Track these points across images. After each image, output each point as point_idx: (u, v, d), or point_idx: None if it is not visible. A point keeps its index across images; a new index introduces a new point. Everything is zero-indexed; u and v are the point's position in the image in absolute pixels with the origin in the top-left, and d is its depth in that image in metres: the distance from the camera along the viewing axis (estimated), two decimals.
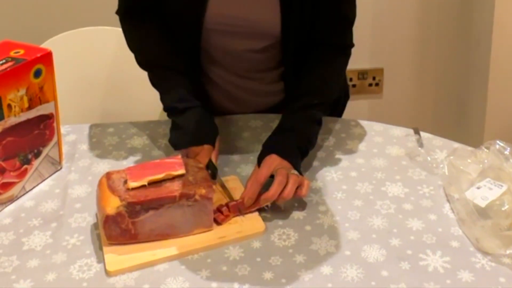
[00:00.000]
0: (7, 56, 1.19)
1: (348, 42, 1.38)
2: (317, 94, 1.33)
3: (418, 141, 1.39)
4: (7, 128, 1.18)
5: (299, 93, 1.34)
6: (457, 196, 1.19)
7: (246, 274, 1.05)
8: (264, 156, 1.22)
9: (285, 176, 1.15)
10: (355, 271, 1.06)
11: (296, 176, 1.17)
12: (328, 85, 1.37)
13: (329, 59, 1.36)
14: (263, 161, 1.21)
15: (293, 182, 1.15)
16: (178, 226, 1.11)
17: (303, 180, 1.17)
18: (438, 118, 2.68)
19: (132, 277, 1.05)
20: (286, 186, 1.15)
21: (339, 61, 1.39)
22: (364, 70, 2.57)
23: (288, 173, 1.16)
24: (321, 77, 1.35)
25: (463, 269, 1.06)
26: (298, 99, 1.33)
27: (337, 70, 1.40)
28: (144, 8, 1.38)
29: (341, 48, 1.38)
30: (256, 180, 1.17)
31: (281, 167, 1.18)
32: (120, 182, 1.11)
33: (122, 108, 1.74)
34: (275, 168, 1.18)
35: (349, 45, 1.39)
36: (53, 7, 2.25)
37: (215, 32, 1.33)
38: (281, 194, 1.14)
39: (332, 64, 1.37)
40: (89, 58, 1.76)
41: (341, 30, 1.36)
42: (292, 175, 1.16)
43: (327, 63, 1.36)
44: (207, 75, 1.44)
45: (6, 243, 1.12)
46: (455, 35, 2.53)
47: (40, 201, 1.23)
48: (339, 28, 1.36)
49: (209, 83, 1.45)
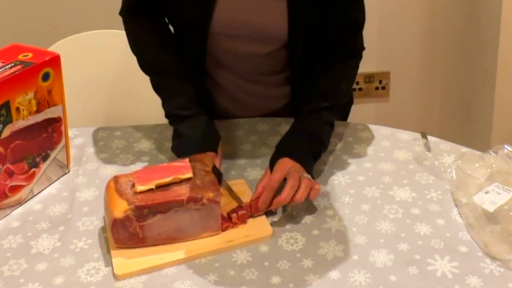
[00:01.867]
0: (15, 60, 1.19)
1: (359, 46, 1.38)
2: (330, 97, 1.33)
3: (426, 145, 1.39)
4: (16, 131, 1.18)
5: (311, 96, 1.33)
6: (465, 201, 1.18)
7: (254, 278, 1.05)
8: (277, 159, 1.21)
9: (297, 180, 1.15)
10: (363, 276, 1.05)
11: (308, 180, 1.16)
12: (340, 88, 1.37)
13: (341, 63, 1.36)
14: (276, 164, 1.20)
15: (305, 186, 1.15)
16: (186, 230, 1.12)
17: (315, 185, 1.17)
18: (445, 122, 2.67)
19: (140, 281, 1.05)
20: (298, 189, 1.14)
21: (351, 64, 1.38)
22: (370, 73, 2.57)
23: (301, 177, 1.16)
24: (333, 80, 1.35)
25: (471, 274, 1.05)
26: (310, 101, 1.32)
27: (349, 73, 1.39)
28: (147, 9, 1.37)
29: (353, 52, 1.38)
30: (269, 186, 1.16)
31: (294, 170, 1.17)
32: (128, 185, 1.11)
33: (129, 111, 1.75)
34: (287, 171, 1.17)
35: (360, 49, 1.39)
36: (60, 10, 2.26)
37: (221, 35, 1.33)
38: (293, 198, 1.14)
39: (344, 67, 1.37)
40: (96, 61, 1.77)
41: (352, 35, 1.36)
42: (305, 179, 1.16)
43: (339, 66, 1.36)
44: (213, 78, 1.44)
45: (15, 246, 1.13)
46: (461, 39, 2.53)
47: (48, 204, 1.23)
48: (350, 33, 1.35)
49: (214, 86, 1.45)
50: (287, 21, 1.29)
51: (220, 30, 1.32)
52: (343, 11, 1.31)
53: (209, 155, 1.27)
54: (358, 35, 1.37)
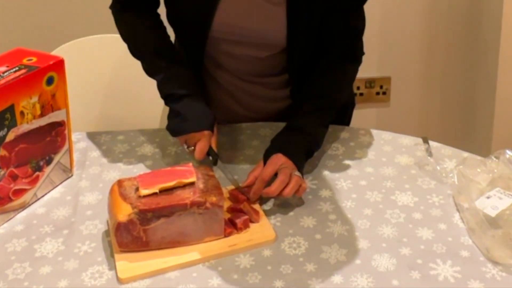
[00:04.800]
0: (20, 64, 1.20)
1: (359, 52, 1.40)
2: (328, 99, 1.36)
3: (427, 150, 1.40)
4: (20, 135, 1.19)
5: (309, 96, 1.36)
6: (467, 206, 1.19)
7: (257, 282, 1.06)
8: (270, 154, 1.25)
9: (288, 176, 1.20)
10: (366, 280, 1.06)
11: (298, 178, 1.21)
12: (339, 90, 1.39)
13: (340, 66, 1.38)
14: (270, 159, 1.24)
15: (294, 183, 1.19)
16: (189, 234, 1.12)
17: (302, 183, 1.21)
18: (446, 127, 2.67)
19: (143, 285, 1.05)
20: (288, 185, 1.19)
21: (350, 68, 1.40)
22: (371, 78, 2.57)
23: (292, 174, 1.20)
24: (332, 82, 1.37)
25: (473, 279, 1.06)
26: (308, 101, 1.35)
27: (348, 77, 1.42)
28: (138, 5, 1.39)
29: (352, 57, 1.39)
30: (261, 178, 1.21)
31: (285, 167, 1.21)
32: (132, 189, 1.12)
33: (132, 115, 1.75)
34: (279, 166, 1.22)
35: (359, 54, 1.40)
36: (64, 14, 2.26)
37: (220, 39, 1.35)
38: (281, 192, 1.19)
39: (343, 70, 1.39)
40: (100, 65, 1.77)
41: (352, 41, 1.37)
42: (295, 176, 1.20)
43: (338, 69, 1.38)
44: (213, 77, 1.45)
45: (19, 250, 1.13)
46: (462, 44, 2.54)
47: (51, 208, 1.24)
48: (350, 40, 1.37)
49: (214, 84, 1.47)
50: (286, 28, 1.30)
51: (219, 35, 1.33)
52: (344, 19, 1.33)
53: (205, 133, 1.29)
54: (358, 42, 1.39)
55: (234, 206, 1.20)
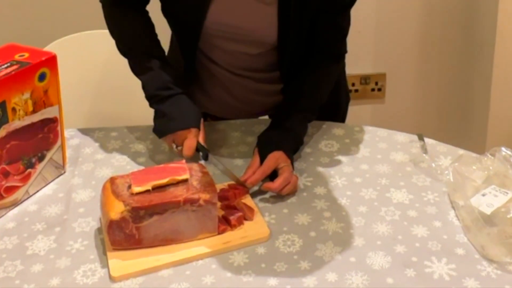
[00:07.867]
0: (11, 60, 1.19)
1: (343, 51, 1.44)
2: (313, 98, 1.40)
3: (423, 147, 1.39)
4: (11, 131, 1.17)
5: (296, 96, 1.39)
6: (462, 203, 1.18)
7: (251, 280, 1.05)
8: (270, 150, 1.27)
9: (291, 175, 1.24)
10: (360, 278, 1.05)
11: (296, 178, 1.25)
12: (323, 90, 1.44)
13: (326, 67, 1.43)
14: (271, 154, 1.26)
15: (293, 182, 1.24)
16: (183, 231, 1.11)
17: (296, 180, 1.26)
18: (441, 124, 2.67)
19: (136, 283, 1.04)
20: (288, 184, 1.23)
21: (335, 68, 1.46)
22: (366, 75, 2.57)
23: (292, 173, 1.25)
24: (317, 82, 1.41)
25: (468, 276, 1.05)
26: (295, 101, 1.39)
27: (332, 77, 1.46)
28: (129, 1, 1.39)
29: (337, 57, 1.44)
30: (263, 170, 1.24)
31: (287, 165, 1.25)
32: (124, 187, 1.11)
33: (125, 112, 1.74)
34: (280, 163, 1.25)
35: (343, 53, 1.45)
36: (57, 10, 2.25)
37: (213, 36, 1.36)
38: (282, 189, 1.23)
39: (328, 71, 1.44)
40: (93, 61, 1.76)
41: (338, 41, 1.42)
42: (294, 176, 1.25)
43: (324, 70, 1.42)
44: (207, 70, 1.46)
45: (10, 248, 1.12)
46: (458, 41, 2.53)
47: (43, 205, 1.23)
48: (336, 39, 1.41)
49: (208, 76, 1.47)
50: (277, 27, 1.32)
51: (212, 31, 1.35)
52: (333, 19, 1.37)
53: (192, 131, 1.31)
54: (343, 41, 1.43)
55: (228, 203, 1.19)
